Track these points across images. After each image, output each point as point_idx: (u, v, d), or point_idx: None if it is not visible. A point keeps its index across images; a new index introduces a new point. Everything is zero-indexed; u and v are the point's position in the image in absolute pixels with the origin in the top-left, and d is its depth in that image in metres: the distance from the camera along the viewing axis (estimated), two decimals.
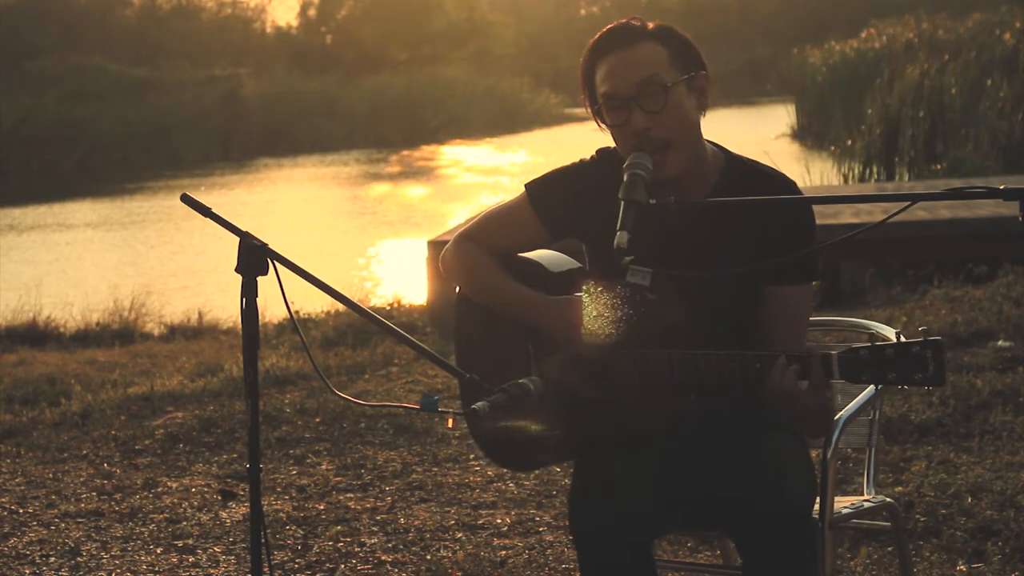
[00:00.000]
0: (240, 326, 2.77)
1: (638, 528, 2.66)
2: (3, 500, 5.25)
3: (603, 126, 2.84)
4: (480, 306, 3.01)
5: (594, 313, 2.76)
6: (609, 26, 2.84)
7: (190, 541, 4.65)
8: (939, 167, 14.83)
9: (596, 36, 2.84)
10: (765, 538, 2.62)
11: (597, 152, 2.94)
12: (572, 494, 2.74)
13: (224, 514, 4.95)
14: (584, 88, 2.86)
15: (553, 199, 2.93)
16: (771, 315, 2.80)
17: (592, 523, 2.66)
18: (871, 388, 3.07)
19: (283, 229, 17.39)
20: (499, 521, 4.70)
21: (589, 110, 2.86)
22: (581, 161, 2.95)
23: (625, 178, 2.65)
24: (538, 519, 4.69)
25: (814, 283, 2.87)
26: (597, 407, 2.81)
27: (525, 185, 2.98)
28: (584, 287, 2.79)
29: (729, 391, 2.69)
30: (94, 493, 5.29)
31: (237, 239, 2.73)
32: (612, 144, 2.92)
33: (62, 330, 10.47)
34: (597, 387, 2.80)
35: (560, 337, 2.81)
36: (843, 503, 3.05)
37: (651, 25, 2.81)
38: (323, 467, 5.48)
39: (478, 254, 2.98)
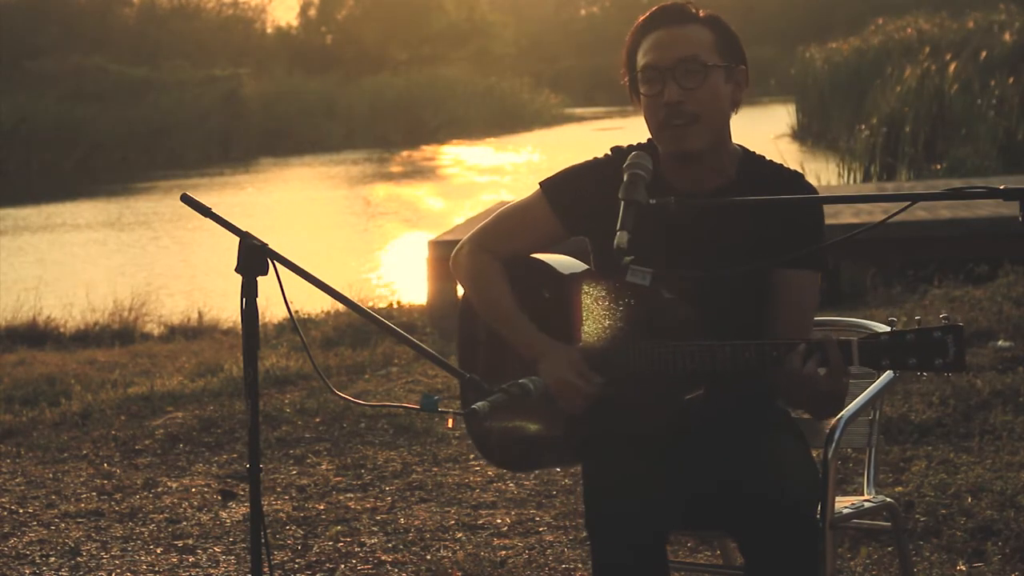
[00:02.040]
0: (240, 326, 2.77)
1: (654, 523, 2.66)
2: (3, 500, 5.25)
3: (636, 101, 2.89)
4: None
5: (598, 313, 2.77)
6: (661, 4, 2.87)
7: (190, 541, 4.65)
8: (939, 167, 14.84)
9: (647, 13, 2.88)
10: (769, 538, 2.61)
11: (611, 150, 2.95)
12: (587, 494, 2.74)
13: (224, 514, 4.95)
14: (626, 61, 2.89)
15: (569, 195, 2.94)
16: (779, 299, 2.81)
17: (610, 520, 2.64)
18: (871, 388, 3.07)
19: (283, 229, 17.39)
20: (499, 521, 4.70)
21: (626, 83, 2.91)
22: (595, 159, 2.97)
23: (625, 178, 2.66)
24: (538, 519, 4.69)
25: (819, 275, 2.88)
26: (600, 405, 2.81)
27: (540, 183, 2.99)
28: (585, 287, 2.79)
29: (744, 380, 2.70)
30: (94, 493, 5.29)
31: (237, 239, 2.73)
32: (622, 143, 2.95)
33: (62, 330, 10.47)
34: (603, 385, 2.80)
35: (548, 383, 2.81)
36: (843, 503, 3.05)
37: (702, 13, 2.86)
38: (323, 467, 5.48)
39: (490, 268, 2.99)
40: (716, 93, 2.80)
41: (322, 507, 4.94)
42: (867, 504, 3.09)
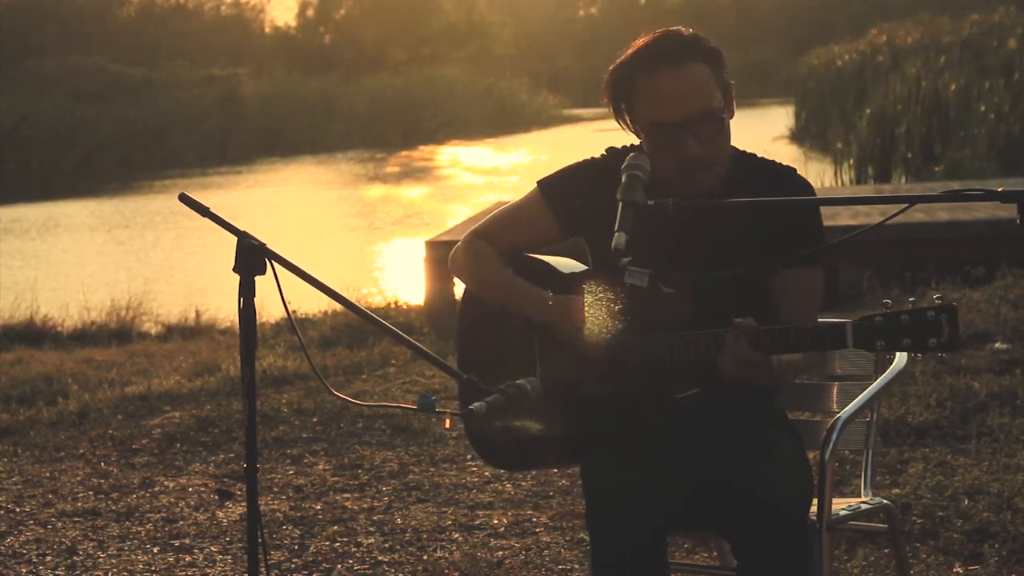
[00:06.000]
0: (237, 326, 2.77)
1: (654, 522, 2.66)
2: (0, 499, 5.25)
3: (626, 127, 2.87)
4: (487, 307, 3.03)
5: (597, 313, 2.77)
6: (653, 37, 2.80)
7: (187, 541, 4.65)
8: (937, 169, 14.84)
9: (638, 47, 2.81)
10: (758, 539, 2.62)
11: (607, 151, 2.96)
12: (587, 494, 2.74)
13: (221, 514, 4.95)
14: (612, 92, 2.85)
15: (566, 194, 2.95)
16: (779, 300, 2.82)
17: (610, 520, 2.64)
18: (869, 389, 3.07)
19: (281, 229, 17.38)
20: (496, 522, 4.70)
21: (621, 121, 2.87)
22: (592, 159, 2.98)
23: (623, 179, 2.66)
24: (535, 519, 4.69)
25: (819, 271, 2.87)
26: (600, 403, 2.82)
27: (538, 182, 3.00)
28: (586, 287, 2.79)
29: (711, 372, 2.71)
30: (91, 492, 5.29)
31: (235, 239, 2.73)
32: (618, 144, 2.95)
33: (59, 329, 10.46)
34: (601, 382, 2.80)
35: (564, 335, 2.81)
36: (840, 505, 3.05)
37: (686, 31, 2.80)
38: (320, 467, 5.48)
39: (487, 252, 3.01)
40: (728, 133, 2.80)
41: (319, 507, 4.94)
42: (864, 506, 3.09)
